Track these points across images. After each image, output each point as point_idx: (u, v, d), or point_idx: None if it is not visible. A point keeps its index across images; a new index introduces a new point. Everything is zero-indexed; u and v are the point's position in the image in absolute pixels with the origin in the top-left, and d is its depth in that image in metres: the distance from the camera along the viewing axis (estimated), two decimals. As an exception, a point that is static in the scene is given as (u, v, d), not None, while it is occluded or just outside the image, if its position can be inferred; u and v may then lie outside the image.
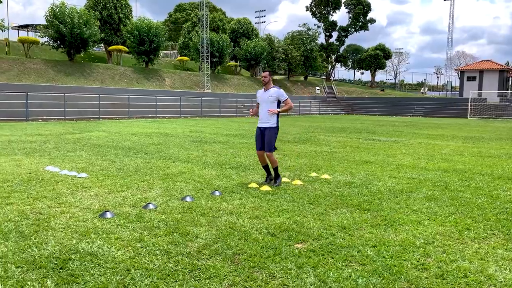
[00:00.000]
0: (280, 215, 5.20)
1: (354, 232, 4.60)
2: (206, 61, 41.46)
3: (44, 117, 24.64)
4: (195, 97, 36.44)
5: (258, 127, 7.17)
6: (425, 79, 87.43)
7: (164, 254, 3.83)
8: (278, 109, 6.97)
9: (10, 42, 34.76)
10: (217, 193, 6.23)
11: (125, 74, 36.28)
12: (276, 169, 7.06)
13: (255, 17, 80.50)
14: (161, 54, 42.65)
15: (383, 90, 62.84)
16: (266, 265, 3.64)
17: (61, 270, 3.43)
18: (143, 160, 9.45)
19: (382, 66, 67.03)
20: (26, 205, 5.38)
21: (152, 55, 38.89)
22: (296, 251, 4.00)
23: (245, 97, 41.91)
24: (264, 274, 3.47)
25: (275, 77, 58.17)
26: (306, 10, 66.69)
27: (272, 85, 7.05)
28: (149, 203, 5.53)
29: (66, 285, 3.19)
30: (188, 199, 5.87)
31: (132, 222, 4.75)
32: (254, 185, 6.85)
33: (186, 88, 39.87)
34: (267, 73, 6.95)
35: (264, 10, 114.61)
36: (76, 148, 11.21)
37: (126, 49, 38.45)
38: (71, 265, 3.54)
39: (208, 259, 3.75)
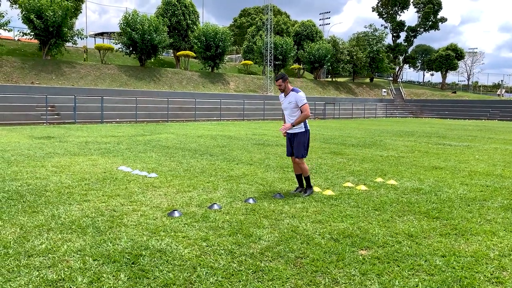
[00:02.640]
0: (343, 220, 5.13)
1: (422, 240, 4.43)
2: (270, 64, 41.77)
3: (117, 120, 26.17)
4: (258, 100, 36.85)
5: (287, 133, 6.60)
6: (502, 81, 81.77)
7: (228, 254, 3.93)
8: (291, 123, 6.39)
9: (88, 49, 37.28)
10: (279, 196, 6.27)
11: (192, 79, 37.53)
12: (307, 179, 6.55)
13: (320, 19, 79.74)
14: (226, 58, 43.55)
15: (454, 92, 59.52)
16: (329, 270, 3.62)
17: (133, 265, 3.64)
18: (208, 161, 9.72)
19: (454, 67, 63.51)
20: (102, 203, 5.75)
21: (217, 60, 39.90)
22: (360, 257, 3.93)
23: (308, 100, 41.51)
24: (327, 279, 3.45)
25: (339, 79, 57.29)
26: (373, 11, 65.03)
27: (291, 87, 6.51)
28: (214, 203, 5.69)
29: (138, 279, 3.38)
30: (251, 201, 5.96)
31: (198, 222, 4.92)
32: (316, 188, 6.81)
33: (249, 91, 40.45)
34: (280, 80, 6.42)
35: (329, 12, 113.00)
36: (146, 149, 11.79)
37: (193, 54, 39.77)
38: (142, 260, 3.74)
39: (271, 261, 3.79)
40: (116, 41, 36.29)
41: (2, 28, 29.09)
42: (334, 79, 55.65)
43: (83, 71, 31.33)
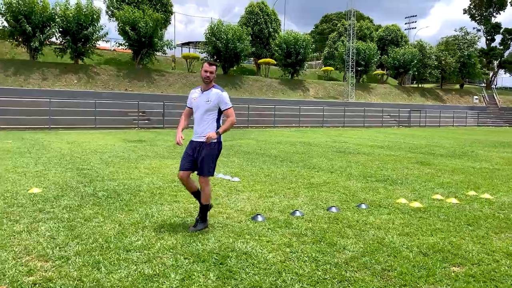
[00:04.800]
0: (433, 234, 4.88)
1: (524, 261, 4.07)
2: (351, 70, 40.99)
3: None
4: (338, 107, 36.29)
5: (192, 141, 4.96)
6: None
7: (313, 262, 3.93)
8: (219, 130, 4.85)
9: (175, 58, 39.41)
10: (363, 206, 6.13)
11: (272, 85, 38.03)
12: (205, 208, 4.92)
13: (405, 23, 76.62)
14: (306, 65, 43.51)
15: (559, 99, 53.72)
16: (418, 285, 3.47)
17: (221, 265, 3.79)
18: (289, 168, 9.79)
19: (559, 72, 57.42)
20: (190, 204, 6.05)
21: (297, 67, 40.04)
22: (453, 274, 3.72)
23: (392, 106, 40.17)
24: (416, 295, 3.31)
25: (426, 85, 54.52)
26: (464, 13, 61.02)
27: (213, 84, 4.93)
28: (296, 210, 5.73)
29: (226, 279, 3.51)
30: (333, 209, 5.90)
31: (281, 228, 4.98)
32: (403, 200, 6.55)
33: (329, 98, 39.99)
34: (214, 67, 4.88)
35: (415, 16, 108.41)
36: (229, 154, 12.16)
37: (274, 61, 40.29)
38: (229, 262, 3.88)
39: (356, 272, 3.73)
40: (202, 50, 37.96)
41: (101, 39, 31.84)
42: (420, 85, 53.07)
43: (171, 79, 33.16)
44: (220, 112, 4.89)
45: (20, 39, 28.44)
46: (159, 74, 33.17)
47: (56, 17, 28.66)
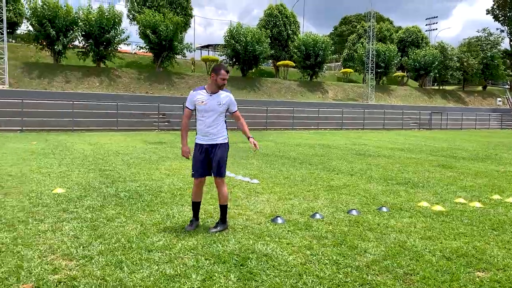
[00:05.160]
0: (456, 238, 4.80)
1: (552, 267, 3.97)
2: (371, 72, 40.63)
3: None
4: (357, 109, 36.01)
5: (199, 145, 4.94)
6: None
7: (334, 265, 3.91)
8: (251, 136, 5.08)
9: (195, 61, 39.72)
10: (384, 209, 6.07)
11: (290, 88, 37.97)
12: (226, 208, 4.98)
13: (426, 25, 75.46)
14: (325, 67, 43.30)
15: None
16: (442, 290, 3.42)
17: (241, 267, 3.80)
18: (308, 170, 9.75)
19: None
20: (210, 205, 6.09)
21: (316, 69, 39.90)
22: (477, 279, 3.65)
23: (412, 108, 39.64)
24: (440, 300, 3.26)
25: (447, 87, 53.61)
26: (487, 14, 59.74)
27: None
28: (316, 213, 5.70)
29: (246, 281, 3.52)
30: (354, 212, 5.86)
31: (301, 230, 4.97)
32: (424, 203, 6.46)
33: (348, 100, 39.71)
34: (227, 74, 4.88)
35: (436, 17, 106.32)
36: (248, 156, 12.19)
37: (293, 64, 40.24)
38: (249, 263, 3.89)
39: (378, 275, 3.69)
40: (221, 52, 38.17)
41: (123, 42, 32.36)
42: (441, 87, 52.22)
43: (191, 81, 33.44)
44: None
45: (44, 43, 29.15)
46: (179, 76, 33.50)
47: (79, 21, 29.28)
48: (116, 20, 30.39)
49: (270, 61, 44.60)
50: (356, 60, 45.55)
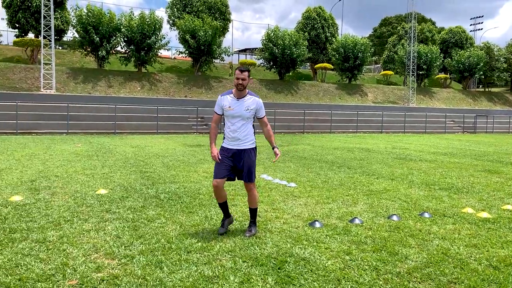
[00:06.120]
0: (504, 247, 4.58)
1: None
2: (412, 74, 39.60)
3: (256, 130, 27.48)
4: (398, 112, 35.17)
5: (226, 148, 4.85)
6: None
7: (373, 271, 3.82)
8: (276, 147, 5.20)
9: (233, 65, 40.12)
10: (426, 215, 5.88)
11: (329, 90, 37.60)
12: (255, 211, 4.98)
13: (470, 25, 73.00)
14: (364, 69, 42.61)
15: None
16: (489, 301, 3.27)
17: (279, 270, 3.79)
18: (346, 174, 9.60)
19: None
20: (246, 208, 6.10)
21: (355, 71, 39.33)
22: (528, 291, 3.46)
23: (456, 112, 38.29)
24: (486, 311, 3.12)
25: (493, 89, 51.43)
26: (537, 11, 57.02)
27: (247, 90, 4.86)
28: (355, 217, 5.60)
29: (284, 285, 3.50)
30: (394, 217, 5.71)
31: (339, 235, 4.90)
32: (469, 210, 6.21)
33: (388, 103, 38.86)
34: (247, 73, 4.73)
35: (482, 16, 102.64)
36: (285, 160, 12.16)
37: (331, 66, 39.85)
38: (287, 267, 3.87)
39: (419, 283, 3.58)
40: (258, 56, 38.35)
41: (163, 48, 33.16)
42: (487, 89, 50.15)
43: (229, 85, 33.77)
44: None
45: (89, 49, 30.34)
46: (217, 80, 33.92)
47: (122, 27, 30.27)
48: (157, 26, 31.19)
49: (308, 64, 44.37)
50: (396, 62, 44.54)
